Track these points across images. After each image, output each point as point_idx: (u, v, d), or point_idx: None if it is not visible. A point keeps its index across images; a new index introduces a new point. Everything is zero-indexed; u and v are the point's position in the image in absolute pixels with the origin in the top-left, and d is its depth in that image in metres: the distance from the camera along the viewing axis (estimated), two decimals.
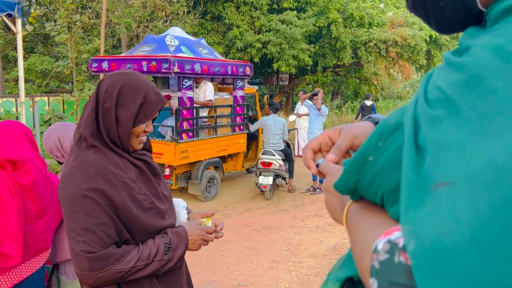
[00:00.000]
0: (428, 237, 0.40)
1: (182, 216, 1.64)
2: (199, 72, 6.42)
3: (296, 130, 10.54)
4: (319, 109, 7.77)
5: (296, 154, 10.28)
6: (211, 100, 6.86)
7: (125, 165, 1.44)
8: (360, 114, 13.08)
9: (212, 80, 7.76)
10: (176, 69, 5.98)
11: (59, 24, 10.33)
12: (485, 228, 0.36)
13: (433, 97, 0.47)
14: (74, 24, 10.50)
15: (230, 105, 7.37)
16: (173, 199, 1.66)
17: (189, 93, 6.49)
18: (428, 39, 14.43)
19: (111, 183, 1.35)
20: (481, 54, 0.44)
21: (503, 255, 0.35)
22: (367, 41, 14.49)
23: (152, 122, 1.57)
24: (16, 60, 6.05)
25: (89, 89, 9.81)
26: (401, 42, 14.30)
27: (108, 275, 1.32)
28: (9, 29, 12.14)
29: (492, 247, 0.36)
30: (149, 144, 1.65)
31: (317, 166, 0.74)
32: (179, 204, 1.66)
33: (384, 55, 15.13)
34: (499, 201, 0.37)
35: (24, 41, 13.59)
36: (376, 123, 0.76)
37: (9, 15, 5.74)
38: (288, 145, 7.85)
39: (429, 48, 15.22)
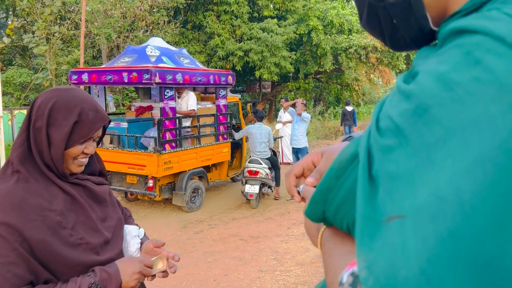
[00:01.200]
0: (382, 272, 0.40)
1: (132, 246, 1.47)
2: (181, 82, 6.38)
3: (280, 138, 10.57)
4: (299, 115, 7.88)
5: (281, 161, 10.30)
6: (194, 110, 6.82)
7: (54, 194, 1.28)
8: (343, 120, 13.44)
9: (194, 89, 7.73)
10: (157, 79, 5.93)
11: (37, 36, 10.17)
12: (432, 261, 0.37)
13: (384, 127, 0.47)
14: (53, 35, 10.35)
15: (213, 115, 7.34)
16: (127, 226, 1.51)
17: (171, 104, 6.44)
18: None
19: (27, 217, 1.20)
20: (426, 82, 0.44)
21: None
22: (347, 47, 14.67)
23: (99, 143, 1.43)
24: None
25: None
26: (380, 48, 14.53)
27: None
28: None
29: (440, 281, 0.36)
30: (97, 166, 1.49)
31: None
32: (131, 232, 1.49)
33: (365, 61, 15.34)
34: (444, 233, 0.37)
35: (1, 53, 13.35)
36: None
37: None
38: (274, 153, 7.86)
39: (408, 53, 15.50)
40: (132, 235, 1.49)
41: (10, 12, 14.64)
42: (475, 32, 0.42)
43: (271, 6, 15.24)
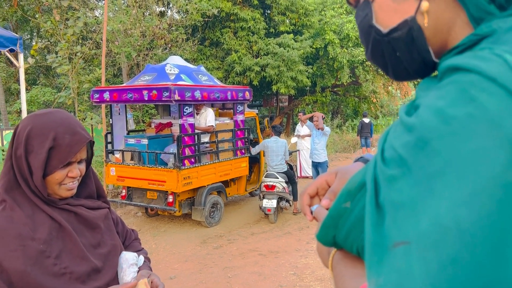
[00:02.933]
0: None
1: (127, 275, 1.38)
2: (199, 99, 6.50)
3: (298, 151, 10.57)
4: (322, 129, 7.83)
5: (299, 175, 10.28)
6: (212, 126, 6.92)
7: (40, 221, 1.24)
8: (360, 132, 13.49)
9: (212, 106, 7.85)
10: (176, 97, 6.06)
11: (60, 56, 10.49)
12: (435, 286, 0.40)
13: (389, 157, 0.50)
14: (75, 55, 10.67)
15: (231, 130, 7.42)
16: (124, 253, 1.43)
17: (190, 120, 6.55)
18: None
19: (8, 247, 1.17)
20: (426, 116, 0.47)
21: None
22: (364, 60, 14.68)
23: (89, 163, 1.39)
24: (18, 93, 6.16)
25: (91, 118, 9.90)
26: None
27: None
28: (11, 62, 12.34)
29: None
30: (93, 188, 1.44)
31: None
32: (128, 260, 1.41)
33: (382, 73, 15.29)
34: (445, 260, 0.40)
35: (26, 73, 13.80)
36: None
37: (11, 50, 5.86)
38: (291, 167, 7.87)
39: None
40: (129, 263, 1.40)
41: (35, 34, 15.15)
42: (469, 70, 0.46)
43: (287, 21, 15.40)
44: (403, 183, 0.46)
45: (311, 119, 9.02)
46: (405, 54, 0.60)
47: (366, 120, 13.48)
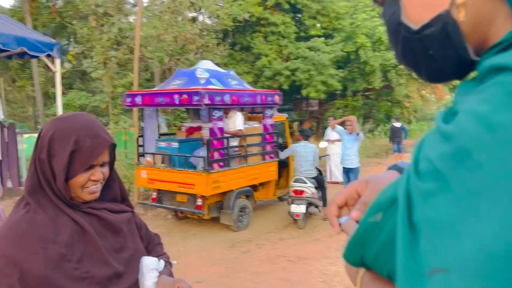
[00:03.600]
0: None
1: (148, 280, 1.37)
2: (229, 103, 6.52)
3: (327, 156, 10.43)
4: (358, 134, 7.65)
5: (329, 180, 10.14)
6: (241, 129, 6.93)
7: (62, 224, 1.24)
8: (392, 137, 13.20)
9: (242, 110, 7.86)
10: (206, 101, 6.10)
11: (95, 61, 10.81)
12: None
13: (423, 169, 0.45)
14: (110, 60, 10.96)
15: (260, 134, 7.41)
16: (145, 258, 1.42)
17: (220, 124, 6.58)
18: None
19: (29, 250, 1.17)
20: (466, 123, 0.42)
21: None
22: (397, 64, 14.36)
23: (111, 167, 1.38)
24: (56, 97, 6.38)
25: (124, 122, 10.13)
26: None
27: None
28: (49, 67, 12.81)
29: None
30: (118, 191, 1.44)
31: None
32: (149, 265, 1.40)
33: (415, 77, 14.92)
34: None
35: (63, 78, 14.27)
36: (401, 172, 0.73)
37: (48, 56, 6.06)
38: (320, 172, 7.77)
39: None
40: (150, 268, 1.39)
41: (72, 40, 15.67)
42: None
43: (318, 25, 15.30)
44: (442, 200, 0.41)
45: (341, 124, 8.88)
46: (439, 53, 0.54)
47: (397, 124, 13.13)
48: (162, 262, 1.48)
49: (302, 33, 15.06)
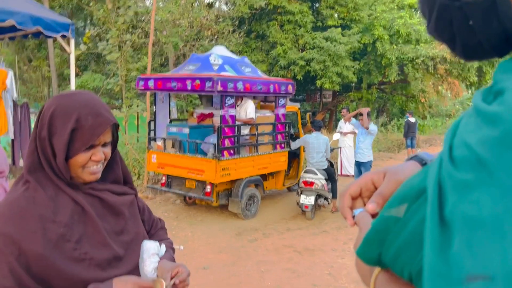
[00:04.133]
0: None
1: (148, 265, 1.33)
2: (241, 90, 6.46)
3: (339, 148, 10.33)
4: (367, 128, 7.57)
5: (339, 173, 10.07)
6: (253, 118, 6.88)
7: (62, 204, 1.21)
8: (407, 132, 12.98)
9: (254, 98, 7.80)
10: (219, 87, 6.05)
11: (110, 44, 10.80)
12: None
13: (460, 157, 0.39)
14: (125, 43, 10.93)
15: (271, 123, 7.35)
16: (145, 242, 1.38)
17: (232, 111, 6.53)
18: None
19: (28, 229, 1.15)
20: None
21: None
22: (414, 58, 14.13)
23: (114, 147, 1.34)
24: (70, 78, 6.38)
25: (137, 106, 10.14)
26: (450, 59, 13.84)
27: None
28: (65, 49, 12.86)
29: None
30: (120, 173, 1.40)
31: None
32: (149, 250, 1.36)
33: (432, 72, 14.68)
34: None
35: (78, 59, 14.34)
36: (423, 164, 0.67)
37: (63, 36, 6.04)
38: (331, 164, 7.70)
39: (480, 64, 14.62)
40: (150, 253, 1.35)
41: (88, 22, 15.68)
42: None
43: (336, 15, 15.07)
44: (483, 193, 0.35)
45: (355, 116, 8.76)
46: (481, 24, 0.46)
47: (413, 119, 12.97)
48: (163, 247, 1.44)
49: (319, 23, 14.86)
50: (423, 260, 0.40)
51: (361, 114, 7.70)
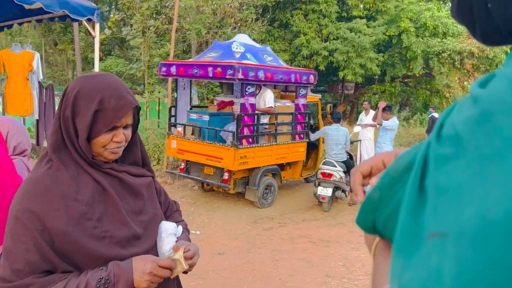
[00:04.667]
0: None
1: (166, 244, 1.37)
2: (262, 79, 6.44)
3: (359, 141, 10.23)
4: (380, 124, 7.49)
5: None
6: (272, 107, 6.86)
7: (83, 183, 1.25)
8: (430, 128, 12.72)
9: (275, 87, 7.76)
10: (240, 75, 6.05)
11: (134, 29, 10.89)
12: None
13: (445, 134, 0.42)
14: (148, 29, 11.01)
15: (291, 113, 7.32)
16: (163, 223, 1.42)
17: (252, 100, 6.53)
18: (509, 50, 13.44)
19: (51, 206, 1.19)
20: (497, 85, 0.38)
21: None
22: (440, 51, 13.80)
23: (135, 129, 1.37)
24: (94, 62, 6.47)
25: (159, 92, 10.23)
26: (478, 54, 13.46)
27: None
28: (90, 33, 13.03)
29: None
30: (139, 155, 1.43)
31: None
32: (167, 229, 1.40)
33: (459, 67, 14.31)
34: (484, 261, 0.32)
35: (102, 44, 14.52)
36: None
37: (89, 20, 6.12)
38: (350, 157, 7.63)
39: None
40: (168, 232, 1.39)
41: (113, 6, 15.82)
42: None
43: (361, 6, 14.80)
44: (454, 165, 0.39)
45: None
46: (499, 7, 0.45)
47: (437, 115, 12.73)
48: (180, 228, 1.49)
49: (344, 13, 14.62)
50: (398, 220, 0.44)
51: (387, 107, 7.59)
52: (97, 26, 6.20)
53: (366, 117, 9.89)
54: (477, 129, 0.38)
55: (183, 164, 7.28)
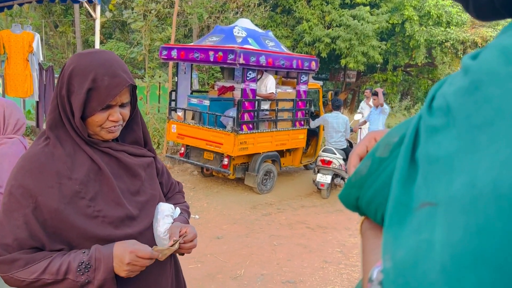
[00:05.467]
0: (403, 262, 0.37)
1: (161, 226, 1.36)
2: (264, 64, 6.40)
3: (359, 129, 10.22)
4: (381, 105, 7.44)
5: None
6: (273, 93, 6.83)
7: (79, 161, 1.24)
8: None
9: (276, 73, 7.72)
10: (241, 60, 6.01)
11: (135, 12, 10.78)
12: (456, 258, 0.33)
13: (436, 106, 0.42)
14: (150, 12, 10.91)
15: (292, 100, 7.29)
16: (160, 204, 1.40)
17: (252, 85, 6.50)
18: None
19: (45, 183, 1.19)
20: (487, 56, 0.38)
21: None
22: (444, 41, 13.70)
23: (134, 107, 1.35)
24: (94, 45, 6.42)
25: (159, 76, 10.18)
26: (481, 44, 13.36)
27: (12, 280, 1.19)
28: (91, 15, 12.90)
29: (459, 282, 0.32)
30: (140, 134, 1.41)
31: None
32: (164, 211, 1.38)
33: (461, 56, 14.20)
34: (473, 228, 0.33)
35: (103, 27, 14.40)
36: None
37: (90, 1, 6.06)
38: (350, 144, 7.63)
39: None
40: (164, 214, 1.38)
41: None
42: None
43: None
44: (444, 136, 0.39)
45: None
46: None
47: None
48: (178, 210, 1.47)
49: (347, 0, 14.48)
50: (389, 192, 0.44)
51: (375, 94, 7.60)
52: (98, 8, 6.15)
53: (367, 106, 9.87)
54: (468, 99, 0.38)
55: (183, 148, 7.28)
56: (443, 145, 0.39)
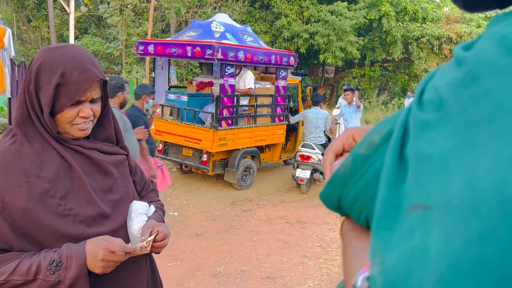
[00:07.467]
0: (394, 270, 0.34)
1: (135, 224, 1.33)
2: (242, 60, 6.37)
3: (338, 124, 10.31)
4: (358, 107, 7.63)
5: None
6: (252, 88, 6.81)
7: (48, 159, 1.20)
8: None
9: (255, 69, 7.70)
10: (219, 56, 5.96)
11: (112, 7, 10.58)
12: (454, 267, 0.29)
13: (427, 99, 0.39)
14: (126, 7, 10.72)
15: (271, 95, 7.28)
16: (134, 202, 1.38)
17: (231, 81, 6.46)
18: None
19: (12, 182, 1.15)
20: (484, 46, 0.35)
21: None
22: (420, 36, 13.92)
23: (105, 103, 1.31)
24: (69, 40, 6.27)
25: (137, 72, 10.02)
26: (456, 39, 13.64)
27: None
28: (65, 10, 12.58)
29: None
30: (112, 132, 1.38)
31: None
32: (138, 209, 1.36)
33: (437, 52, 14.49)
34: (474, 234, 0.29)
35: (78, 21, 14.08)
36: None
37: None
38: (329, 140, 7.68)
39: None
40: (138, 212, 1.35)
41: None
42: None
43: None
44: (437, 132, 0.36)
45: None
46: None
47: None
48: (152, 208, 1.45)
49: None
50: (377, 192, 0.41)
51: (349, 90, 7.78)
52: (72, 2, 6.01)
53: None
54: (463, 93, 0.35)
55: (161, 145, 7.20)
56: (436, 142, 0.36)
